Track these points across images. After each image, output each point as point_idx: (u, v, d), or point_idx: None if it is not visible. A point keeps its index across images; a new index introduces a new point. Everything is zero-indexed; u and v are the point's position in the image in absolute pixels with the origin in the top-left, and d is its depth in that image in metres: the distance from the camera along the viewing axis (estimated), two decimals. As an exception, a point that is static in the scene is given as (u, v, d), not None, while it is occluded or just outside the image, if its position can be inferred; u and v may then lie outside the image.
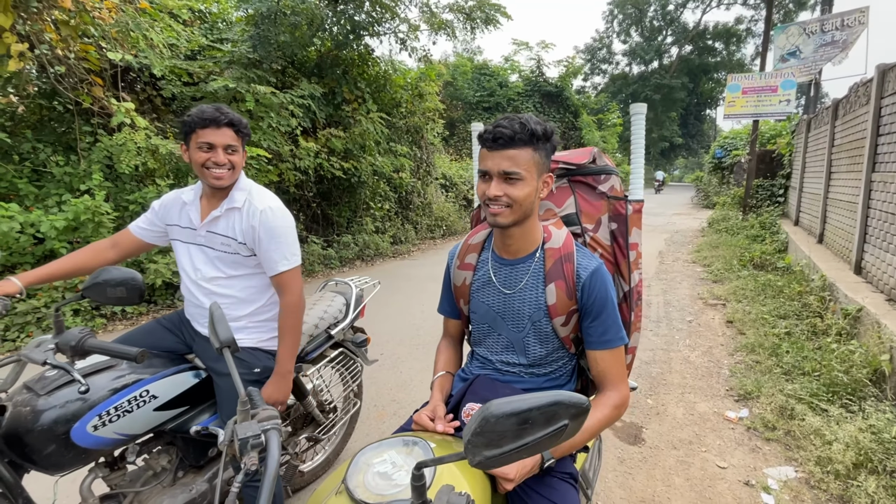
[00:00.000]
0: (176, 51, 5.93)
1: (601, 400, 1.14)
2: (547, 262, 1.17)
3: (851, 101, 4.83)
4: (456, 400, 1.21)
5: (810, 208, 6.41)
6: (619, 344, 1.15)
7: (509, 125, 1.04)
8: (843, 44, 7.91)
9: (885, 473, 2.14)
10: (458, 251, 1.33)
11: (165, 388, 1.47)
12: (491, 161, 1.07)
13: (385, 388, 3.18)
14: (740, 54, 28.16)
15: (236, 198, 1.51)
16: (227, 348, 0.92)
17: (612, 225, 1.34)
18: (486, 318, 1.26)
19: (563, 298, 1.15)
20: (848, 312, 3.38)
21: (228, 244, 1.52)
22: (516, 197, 1.07)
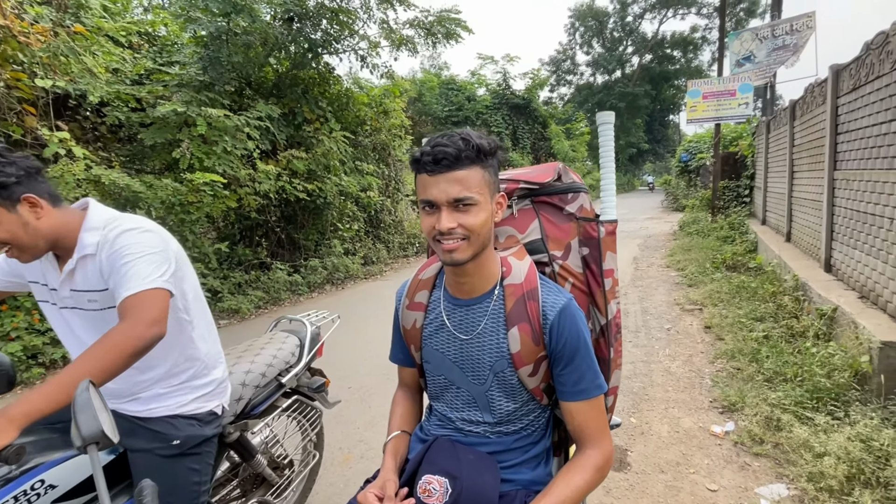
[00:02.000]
0: (121, 75, 5.64)
1: (581, 461, 0.96)
2: (507, 302, 0.99)
3: (808, 101, 4.91)
4: (412, 468, 1.00)
5: (776, 207, 6.49)
6: (597, 393, 0.97)
7: (451, 142, 0.89)
8: (793, 47, 8.19)
9: (880, 486, 2.02)
10: (406, 289, 1.14)
11: (67, 473, 1.16)
12: (436, 188, 0.90)
13: (352, 428, 2.92)
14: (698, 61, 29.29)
15: (86, 241, 1.17)
16: (94, 445, 0.69)
17: (584, 250, 1.15)
18: (441, 369, 1.06)
19: (528, 344, 0.96)
20: (823, 313, 3.32)
21: (95, 299, 1.19)
22: (473, 226, 0.90)
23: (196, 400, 1.35)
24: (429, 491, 0.93)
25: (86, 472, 1.21)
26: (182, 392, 1.34)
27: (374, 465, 2.52)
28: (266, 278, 6.55)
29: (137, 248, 1.15)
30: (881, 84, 3.10)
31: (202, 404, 1.37)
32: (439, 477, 0.94)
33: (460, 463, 0.96)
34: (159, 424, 1.29)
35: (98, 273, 1.17)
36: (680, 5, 27.75)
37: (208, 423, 1.37)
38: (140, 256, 1.14)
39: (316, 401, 2.02)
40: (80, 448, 0.68)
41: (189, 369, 1.34)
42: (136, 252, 1.14)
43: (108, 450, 1.29)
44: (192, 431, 1.33)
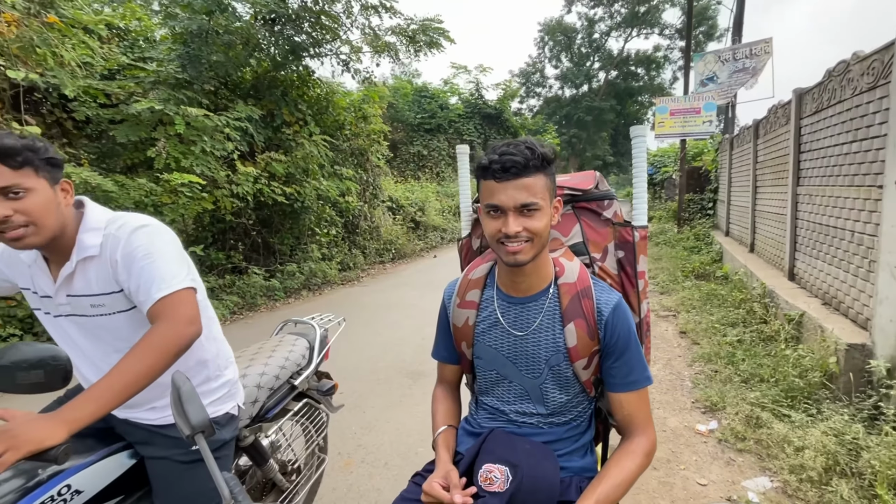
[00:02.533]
0: (91, 70, 5.39)
1: (630, 447, 1.02)
2: (563, 300, 1.04)
3: (771, 121, 5.27)
4: (468, 460, 1.03)
5: (739, 220, 6.89)
6: (646, 384, 1.04)
7: (518, 151, 0.94)
8: (752, 70, 8.79)
9: (854, 476, 2.19)
10: (456, 288, 1.18)
11: (92, 479, 1.12)
12: (504, 194, 0.95)
13: (349, 433, 2.89)
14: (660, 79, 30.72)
15: (86, 243, 1.09)
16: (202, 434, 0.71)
17: (619, 253, 1.24)
18: (494, 364, 1.10)
19: (584, 339, 1.02)
20: (791, 318, 3.56)
21: (101, 303, 1.11)
22: (537, 229, 0.96)
23: (212, 403, 1.32)
24: (490, 479, 0.96)
25: (110, 476, 1.18)
26: None
27: (376, 469, 2.52)
28: (242, 283, 6.37)
29: (157, 247, 1.11)
30: (842, 108, 3.38)
31: (218, 407, 1.33)
32: (500, 466, 0.98)
33: (518, 452, 1.00)
34: (174, 430, 1.25)
35: (107, 275, 1.10)
36: (644, 25, 29.10)
37: (225, 425, 1.34)
38: (162, 255, 1.10)
39: (322, 404, 2.01)
40: (189, 437, 0.69)
41: (201, 372, 1.30)
42: (158, 251, 1.10)
43: (128, 453, 1.25)
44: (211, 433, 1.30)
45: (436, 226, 12.89)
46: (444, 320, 1.21)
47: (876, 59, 2.92)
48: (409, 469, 2.45)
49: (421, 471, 1.15)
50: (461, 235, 1.46)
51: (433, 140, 18.16)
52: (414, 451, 2.66)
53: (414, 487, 1.09)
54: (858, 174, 3.15)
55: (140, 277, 1.07)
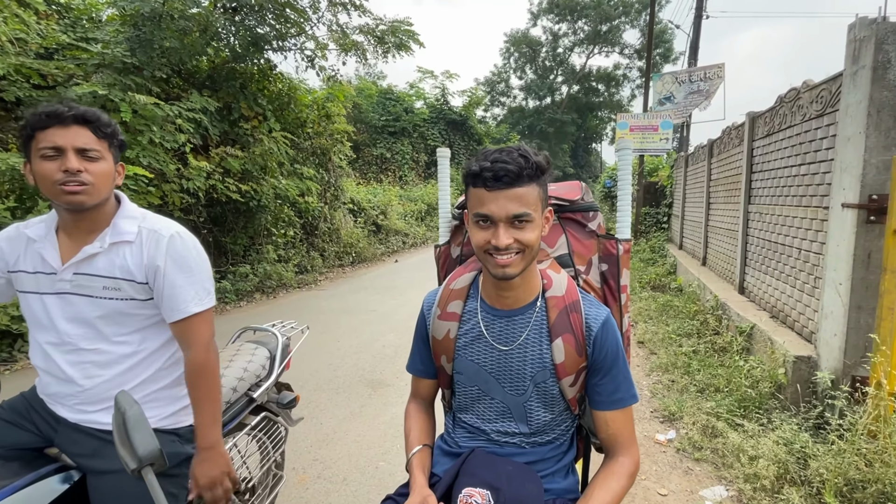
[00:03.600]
0: (24, 47, 4.92)
1: (614, 468, 0.97)
2: (550, 314, 0.99)
3: (725, 141, 5.54)
4: (447, 482, 0.95)
5: (692, 234, 7.20)
6: (632, 402, 1.00)
7: (511, 159, 0.89)
8: (706, 93, 9.30)
9: (804, 483, 2.27)
10: (437, 298, 1.10)
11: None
12: (495, 204, 0.90)
13: (304, 445, 2.73)
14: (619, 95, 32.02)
15: (124, 228, 1.14)
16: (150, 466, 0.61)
17: (603, 266, 1.20)
18: (475, 380, 1.03)
19: (572, 355, 0.97)
20: (742, 330, 3.72)
21: (118, 287, 1.13)
22: (528, 242, 0.90)
23: (177, 413, 1.23)
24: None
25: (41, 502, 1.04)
26: (161, 402, 1.21)
27: (333, 485, 2.37)
28: (190, 284, 5.99)
29: (199, 261, 1.21)
30: (792, 133, 3.58)
31: (182, 417, 1.24)
32: (480, 489, 0.91)
33: (500, 474, 0.94)
34: None
35: (139, 265, 1.14)
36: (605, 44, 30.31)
37: (188, 439, 1.25)
38: (201, 271, 1.20)
39: (280, 417, 1.87)
40: (135, 472, 0.57)
41: (168, 376, 1.24)
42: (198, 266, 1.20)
43: (60, 477, 1.09)
44: (172, 448, 1.18)
45: (398, 230, 12.74)
46: (423, 332, 1.13)
47: (825, 89, 3.10)
48: (369, 484, 2.33)
49: (393, 494, 1.05)
50: (439, 242, 1.38)
51: (397, 143, 18.03)
52: (374, 466, 2.53)
53: None
54: (806, 195, 3.33)
55: (179, 286, 1.15)
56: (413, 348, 1.17)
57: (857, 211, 2.53)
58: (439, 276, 1.37)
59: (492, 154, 0.91)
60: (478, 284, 1.08)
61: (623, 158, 1.25)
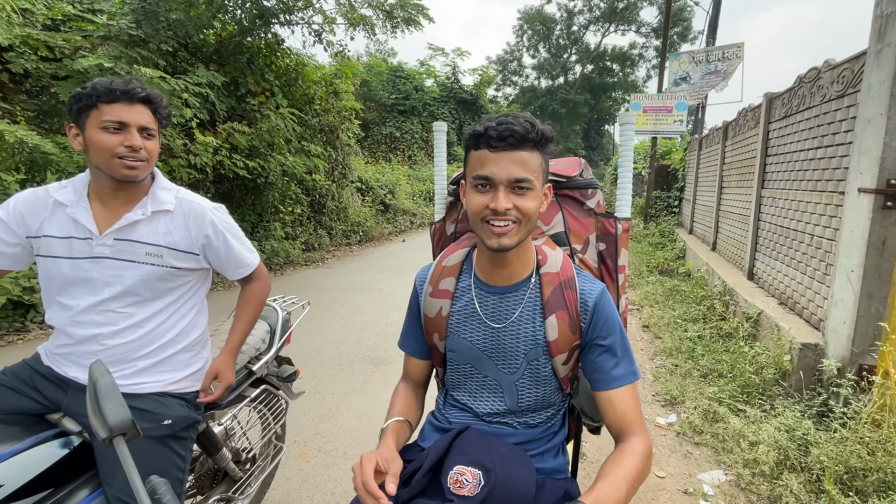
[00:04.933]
0: (31, 18, 4.88)
1: (629, 448, 0.88)
2: (545, 290, 0.96)
3: (741, 124, 5.38)
4: (436, 455, 0.94)
5: (703, 219, 7.08)
6: (634, 379, 0.95)
7: (517, 122, 0.85)
8: (724, 73, 9.00)
9: (804, 470, 2.26)
10: (429, 275, 1.08)
11: (14, 471, 1.01)
12: (497, 165, 0.86)
13: (306, 419, 2.77)
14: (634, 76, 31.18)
15: (163, 198, 1.22)
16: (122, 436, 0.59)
17: (600, 245, 1.17)
18: (467, 357, 1.01)
19: (565, 332, 0.95)
20: (749, 316, 3.67)
21: (160, 254, 1.20)
22: (527, 210, 0.87)
23: (187, 378, 1.29)
24: (461, 482, 0.88)
25: (36, 468, 1.05)
26: (173, 366, 1.26)
27: (333, 459, 2.42)
28: (198, 260, 6.04)
29: (237, 227, 1.37)
30: (811, 114, 3.46)
31: (191, 383, 1.31)
32: (472, 468, 0.89)
33: (493, 455, 0.92)
34: (147, 402, 1.20)
35: (177, 232, 1.22)
36: (621, 22, 29.40)
37: (196, 405, 1.32)
38: (243, 233, 1.38)
39: (281, 391, 1.89)
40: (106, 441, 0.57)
41: (184, 341, 1.30)
42: (239, 230, 1.37)
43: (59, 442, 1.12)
44: (182, 412, 1.24)
45: (406, 210, 12.70)
46: (415, 309, 1.10)
47: (846, 68, 2.97)
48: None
49: None
50: (434, 219, 1.36)
51: (406, 122, 17.82)
52: (375, 441, 2.56)
53: None
54: (822, 180, 3.23)
55: (233, 251, 1.32)
56: (405, 325, 1.14)
57: (874, 196, 2.45)
58: (434, 253, 1.35)
59: (497, 117, 0.88)
60: (471, 260, 1.05)
61: (625, 133, 1.20)
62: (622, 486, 0.80)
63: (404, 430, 1.02)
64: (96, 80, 1.14)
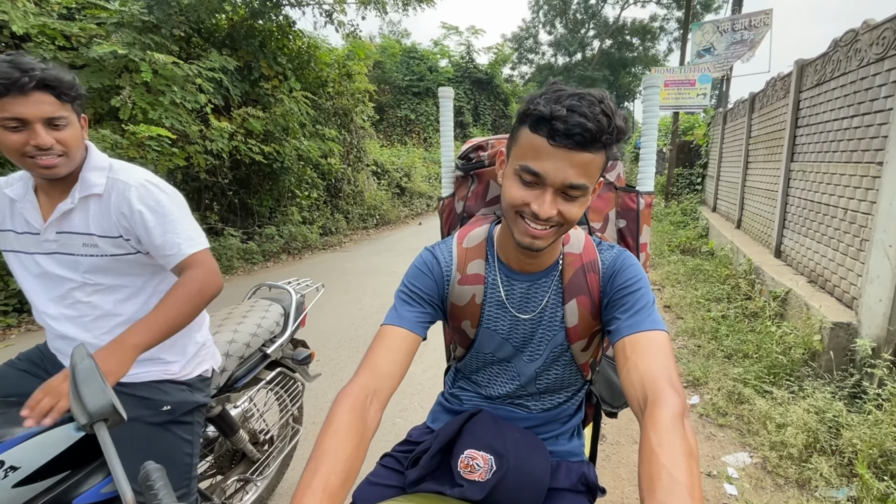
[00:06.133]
0: (46, 7, 4.91)
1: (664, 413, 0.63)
2: (566, 273, 0.89)
3: (769, 94, 5.13)
4: (446, 438, 0.91)
5: (728, 196, 6.85)
6: (662, 329, 0.77)
7: (592, 115, 0.68)
8: (750, 43, 8.57)
9: (834, 453, 2.19)
10: (454, 260, 0.94)
11: (31, 453, 1.02)
12: (552, 163, 0.71)
13: (324, 402, 2.80)
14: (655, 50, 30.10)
15: (92, 181, 1.09)
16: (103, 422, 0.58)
17: (620, 222, 1.11)
18: (491, 346, 0.95)
19: (586, 318, 0.88)
20: (777, 295, 3.54)
21: (94, 244, 1.10)
22: (571, 217, 0.76)
23: (183, 364, 1.25)
24: (471, 466, 0.85)
25: (52, 451, 1.06)
26: (166, 355, 1.22)
27: (352, 440, 2.43)
28: (217, 245, 6.13)
29: (178, 206, 1.16)
30: (846, 80, 3.25)
31: (190, 369, 1.26)
32: (484, 453, 0.86)
33: (507, 441, 0.88)
34: (146, 390, 1.18)
35: (109, 219, 1.10)
36: (641, -8, 28.32)
37: (199, 388, 1.28)
38: (184, 214, 1.17)
39: (297, 373, 1.90)
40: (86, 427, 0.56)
41: None
42: (179, 210, 1.15)
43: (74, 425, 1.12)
44: (182, 397, 1.22)
45: (422, 192, 12.64)
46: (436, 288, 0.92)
47: (888, 28, 2.77)
48: (386, 440, 2.37)
49: (391, 451, 1.03)
50: (443, 195, 1.29)
51: (421, 104, 17.60)
52: (392, 422, 2.58)
53: (381, 470, 0.97)
54: (857, 150, 3.05)
55: (165, 234, 1.11)
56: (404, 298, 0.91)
57: (917, 166, 2.30)
58: (442, 231, 1.28)
59: (567, 97, 0.70)
60: (492, 240, 0.96)
61: (649, 97, 1.12)
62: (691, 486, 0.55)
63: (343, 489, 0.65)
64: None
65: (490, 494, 0.83)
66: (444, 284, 0.94)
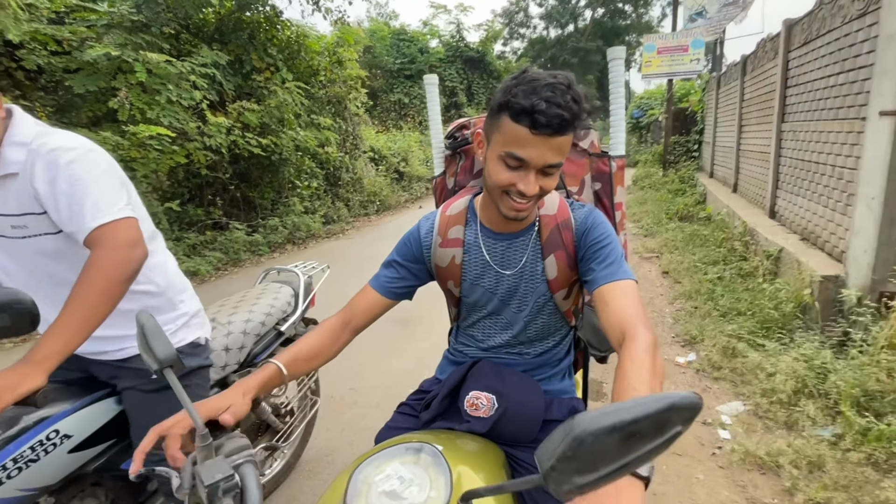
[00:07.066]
0: (35, 12, 4.95)
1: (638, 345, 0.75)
2: (543, 232, 1.00)
3: (759, 56, 5.14)
4: (451, 384, 1.04)
5: (724, 161, 6.89)
6: (631, 277, 0.90)
7: (565, 103, 0.78)
8: (742, 3, 8.47)
9: (821, 396, 2.32)
10: (436, 226, 1.08)
11: (81, 423, 1.15)
12: (535, 150, 0.82)
13: (339, 378, 2.95)
14: (648, 16, 29.58)
15: (10, 158, 1.00)
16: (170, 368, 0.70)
17: (596, 185, 1.22)
18: (482, 301, 1.07)
19: (564, 270, 1.00)
20: (770, 254, 3.65)
21: (24, 224, 1.03)
22: (549, 188, 0.88)
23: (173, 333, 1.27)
24: (476, 405, 0.98)
25: (98, 421, 1.20)
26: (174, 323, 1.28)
27: (367, 410, 2.59)
28: (224, 238, 6.25)
29: (90, 172, 1.01)
30: (831, 38, 3.29)
31: (181, 335, 1.29)
32: (486, 393, 0.99)
33: (506, 382, 1.01)
34: (136, 361, 1.22)
35: (28, 195, 1.00)
36: (632, -43, 27.67)
37: (191, 354, 1.31)
38: (96, 181, 1.01)
39: None
40: (157, 372, 0.68)
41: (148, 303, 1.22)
42: (90, 176, 1.01)
43: (115, 399, 1.25)
44: (192, 361, 1.30)
45: (420, 176, 12.67)
46: (414, 255, 1.08)
47: (870, -17, 2.80)
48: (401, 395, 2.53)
49: (406, 400, 1.16)
50: (435, 174, 1.40)
51: (414, 87, 17.45)
52: (404, 394, 2.72)
53: (399, 416, 1.11)
54: (843, 107, 3.12)
55: (71, 206, 0.99)
56: (385, 264, 1.09)
57: (895, 119, 2.37)
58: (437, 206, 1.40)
59: (543, 88, 0.79)
60: (473, 208, 1.08)
61: (615, 69, 1.20)
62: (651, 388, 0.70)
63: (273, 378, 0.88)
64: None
65: (493, 427, 0.97)
66: (424, 250, 1.08)
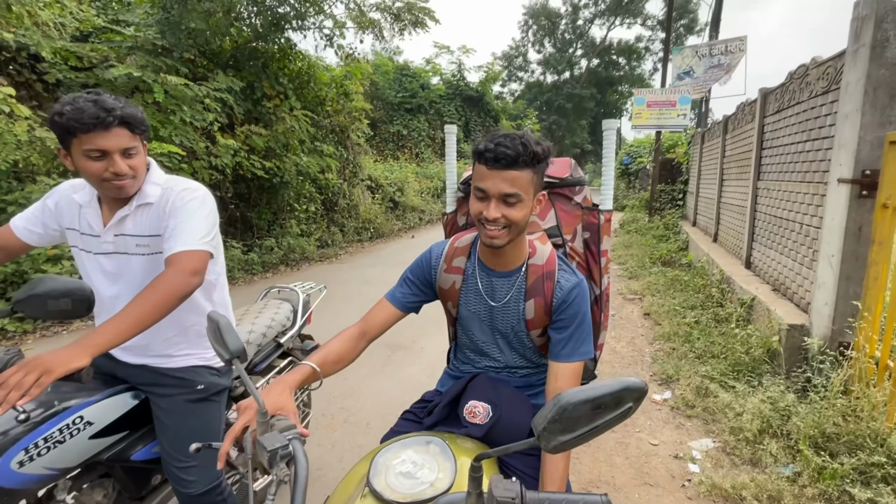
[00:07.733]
0: (62, 30, 5.21)
1: None
2: (529, 278, 1.18)
3: (739, 118, 5.55)
4: (451, 395, 1.21)
5: (706, 211, 7.25)
6: (581, 359, 1.14)
7: (512, 146, 1.00)
8: (727, 67, 9.14)
9: (783, 436, 2.49)
10: (444, 253, 1.28)
11: (102, 412, 1.29)
12: (490, 181, 1.03)
13: (332, 397, 3.05)
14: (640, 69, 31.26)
15: (149, 192, 1.30)
16: (237, 358, 0.86)
17: (585, 234, 1.42)
18: (472, 324, 1.26)
19: (540, 314, 1.17)
20: (744, 302, 3.88)
21: (146, 244, 1.31)
22: (514, 219, 1.05)
23: (211, 352, 1.47)
24: (474, 413, 1.15)
25: (117, 412, 1.34)
26: (202, 346, 1.47)
27: (358, 428, 2.69)
28: (220, 256, 6.36)
29: (195, 210, 1.29)
30: (800, 109, 3.65)
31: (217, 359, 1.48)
32: (483, 403, 1.16)
33: (500, 394, 1.18)
34: (184, 373, 1.42)
35: (156, 220, 1.29)
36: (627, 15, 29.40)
37: (225, 374, 1.52)
38: (195, 217, 1.28)
39: None
40: (227, 362, 0.84)
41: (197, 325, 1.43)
42: (194, 213, 1.28)
43: (132, 394, 1.39)
44: (213, 380, 1.47)
45: (414, 206, 12.96)
46: (425, 276, 1.27)
47: (830, 66, 3.16)
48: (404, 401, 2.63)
49: (410, 408, 1.31)
50: (447, 210, 1.60)
51: (413, 120, 18.03)
52: (394, 414, 2.79)
53: (402, 422, 1.27)
54: (809, 171, 3.43)
55: (173, 230, 1.25)
56: (401, 281, 1.28)
57: (851, 186, 2.66)
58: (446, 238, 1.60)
59: (498, 137, 1.02)
60: (477, 244, 1.27)
61: (608, 137, 1.44)
62: None
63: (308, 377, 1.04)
64: (66, 102, 1.14)
65: (487, 433, 1.13)
66: (433, 271, 1.27)
